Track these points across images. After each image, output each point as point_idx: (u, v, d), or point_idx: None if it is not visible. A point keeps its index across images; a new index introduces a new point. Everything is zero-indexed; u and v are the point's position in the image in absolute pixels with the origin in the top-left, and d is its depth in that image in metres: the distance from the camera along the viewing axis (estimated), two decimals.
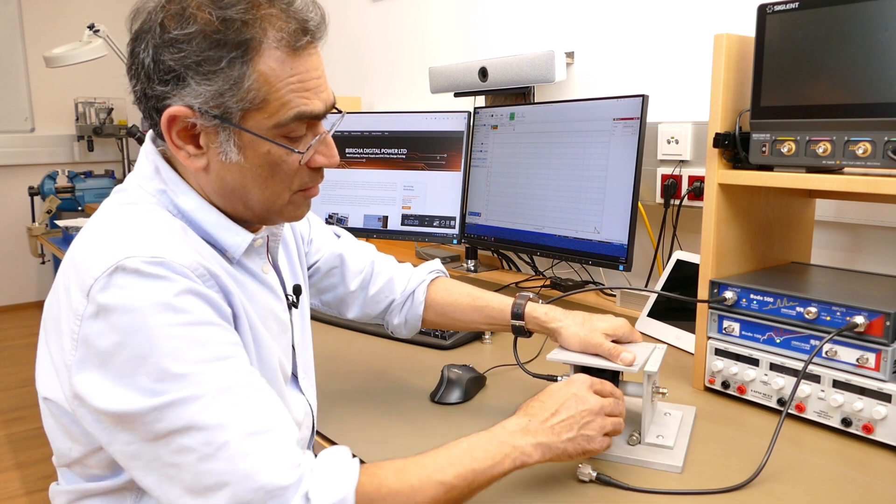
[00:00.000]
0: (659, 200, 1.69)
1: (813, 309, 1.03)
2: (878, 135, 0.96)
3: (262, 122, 0.77)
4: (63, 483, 0.86)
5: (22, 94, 4.61)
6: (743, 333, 1.12)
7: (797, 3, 1.02)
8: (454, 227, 1.94)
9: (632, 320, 1.51)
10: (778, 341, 1.08)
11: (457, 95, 2.15)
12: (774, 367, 1.08)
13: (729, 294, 1.13)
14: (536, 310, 1.08)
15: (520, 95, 1.98)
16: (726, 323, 1.14)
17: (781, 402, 1.07)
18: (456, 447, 0.80)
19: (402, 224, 2.00)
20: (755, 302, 1.10)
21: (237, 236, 0.84)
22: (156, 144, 0.85)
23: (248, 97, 0.76)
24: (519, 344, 1.13)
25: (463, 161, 1.93)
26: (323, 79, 0.81)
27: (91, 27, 3.30)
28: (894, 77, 0.94)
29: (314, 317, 1.54)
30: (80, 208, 4.07)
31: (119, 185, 0.87)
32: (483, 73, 1.99)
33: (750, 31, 1.09)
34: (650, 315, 1.50)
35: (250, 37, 0.74)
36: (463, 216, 1.93)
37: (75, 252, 0.77)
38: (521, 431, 0.83)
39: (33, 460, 2.79)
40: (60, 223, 3.20)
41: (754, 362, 1.10)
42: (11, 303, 4.78)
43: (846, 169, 1.04)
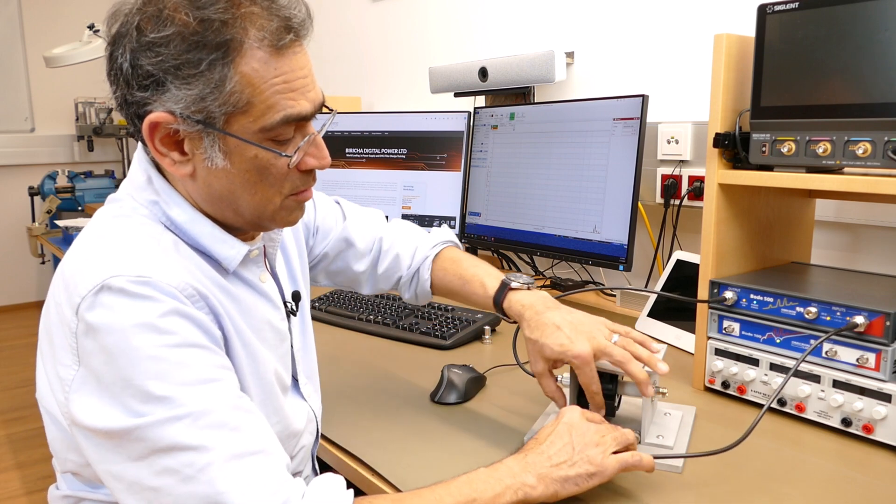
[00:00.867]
0: (659, 200, 1.69)
1: (813, 309, 1.03)
2: (878, 135, 0.96)
3: (248, 126, 0.74)
4: (62, 487, 0.86)
5: (22, 94, 4.61)
6: (743, 333, 1.12)
7: (797, 3, 1.02)
8: (454, 227, 1.94)
9: (632, 320, 1.52)
10: (778, 341, 1.08)
11: (457, 95, 2.14)
12: (774, 367, 1.08)
13: (729, 294, 1.13)
14: (513, 307, 1.03)
15: (520, 95, 1.98)
16: (726, 323, 1.14)
17: (782, 403, 1.07)
18: (455, 480, 0.79)
19: None
20: (755, 302, 1.10)
21: (232, 248, 0.82)
22: (147, 152, 0.82)
23: (232, 100, 0.72)
24: (519, 344, 1.13)
25: (463, 161, 1.93)
26: (310, 77, 0.78)
27: (91, 27, 3.29)
28: (894, 77, 0.94)
29: (315, 317, 1.54)
30: (80, 208, 4.07)
31: (112, 195, 0.84)
32: (483, 73, 1.99)
33: (750, 31, 1.09)
34: (650, 315, 1.50)
35: (230, 37, 0.71)
36: (463, 216, 1.92)
37: (65, 267, 0.76)
38: (520, 465, 0.82)
39: (33, 460, 2.79)
40: (60, 223, 3.21)
41: (754, 362, 1.10)
42: (11, 303, 4.79)
43: (846, 169, 1.04)
